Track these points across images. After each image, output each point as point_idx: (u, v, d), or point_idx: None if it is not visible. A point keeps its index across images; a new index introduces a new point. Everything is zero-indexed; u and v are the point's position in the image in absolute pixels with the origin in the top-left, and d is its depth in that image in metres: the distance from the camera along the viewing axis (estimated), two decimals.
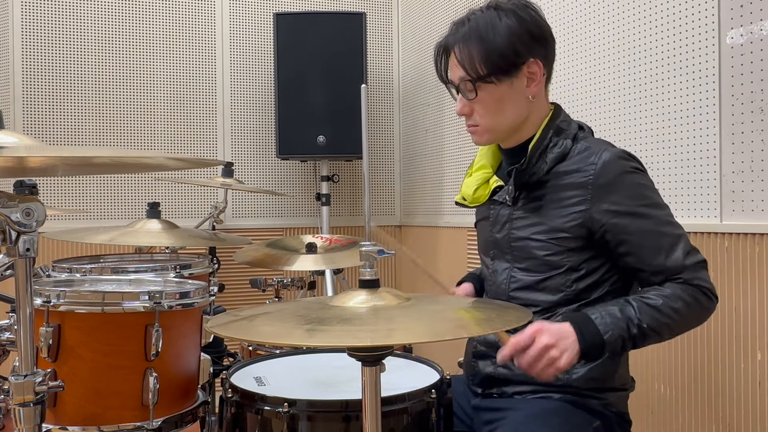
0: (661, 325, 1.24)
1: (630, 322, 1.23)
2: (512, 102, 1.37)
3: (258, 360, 1.56)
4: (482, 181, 1.50)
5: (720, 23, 1.75)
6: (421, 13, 3.57)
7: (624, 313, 1.24)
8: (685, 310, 1.25)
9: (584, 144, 1.37)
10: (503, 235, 1.43)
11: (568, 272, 1.34)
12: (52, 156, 1.08)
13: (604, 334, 1.21)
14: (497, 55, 1.33)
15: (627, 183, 1.30)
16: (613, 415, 1.37)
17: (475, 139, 1.44)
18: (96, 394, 1.34)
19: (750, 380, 1.70)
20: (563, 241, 1.33)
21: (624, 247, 1.30)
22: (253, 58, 3.58)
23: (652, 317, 1.24)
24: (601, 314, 1.24)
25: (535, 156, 1.36)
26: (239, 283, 3.27)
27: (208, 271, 2.17)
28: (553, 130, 1.38)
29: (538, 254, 1.36)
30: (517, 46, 1.33)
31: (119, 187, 3.33)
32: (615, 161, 1.31)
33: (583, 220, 1.31)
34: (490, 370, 1.41)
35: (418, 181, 3.64)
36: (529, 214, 1.39)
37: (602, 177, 1.30)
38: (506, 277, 1.42)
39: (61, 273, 1.98)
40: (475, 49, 1.34)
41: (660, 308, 1.24)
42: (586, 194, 1.31)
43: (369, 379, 0.99)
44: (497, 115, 1.38)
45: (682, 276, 1.27)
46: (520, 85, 1.36)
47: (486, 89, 1.36)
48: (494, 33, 1.33)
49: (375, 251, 1.06)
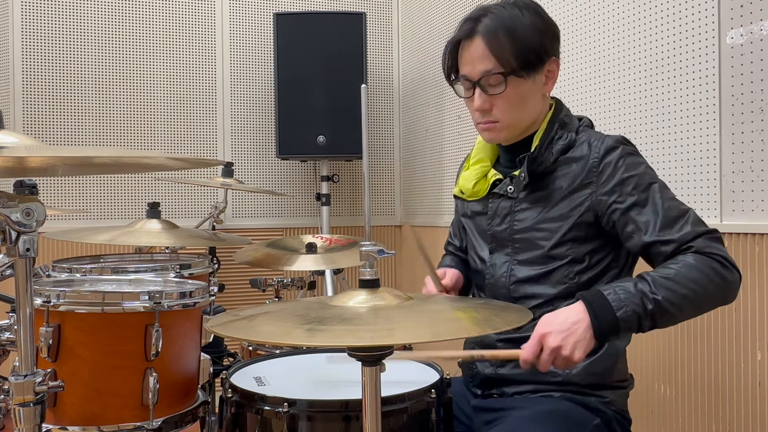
0: (680, 297, 1.18)
1: (644, 297, 1.18)
2: (532, 99, 1.38)
3: (258, 360, 1.56)
4: (481, 174, 1.49)
5: (720, 23, 1.75)
6: (421, 13, 3.57)
7: (638, 287, 1.19)
8: (703, 280, 1.19)
9: (586, 135, 1.39)
10: (504, 228, 1.42)
11: (571, 264, 1.34)
12: (52, 156, 1.08)
13: (617, 310, 1.17)
14: (528, 49, 1.33)
15: (630, 163, 1.32)
16: (613, 413, 1.36)
17: (491, 136, 1.41)
18: (96, 394, 1.34)
19: (750, 380, 1.70)
20: (569, 231, 1.34)
21: (630, 228, 1.29)
22: (253, 58, 3.58)
23: (668, 289, 1.18)
24: (614, 290, 1.20)
25: (543, 146, 1.37)
26: (239, 283, 3.27)
27: (208, 271, 2.17)
28: (558, 123, 1.39)
29: (542, 245, 1.36)
30: (544, 42, 1.36)
31: (119, 187, 3.34)
32: (616, 145, 1.33)
33: (589, 203, 1.32)
34: (489, 372, 1.41)
35: (418, 181, 3.64)
36: (534, 204, 1.38)
37: (605, 160, 1.32)
38: (506, 270, 1.41)
39: (61, 273, 1.98)
40: (506, 42, 1.33)
41: (675, 278, 1.19)
42: (590, 178, 1.33)
43: (369, 379, 0.99)
44: (519, 111, 1.37)
45: (694, 245, 1.23)
46: (540, 81, 1.38)
47: (514, 84, 1.34)
48: (523, 28, 1.34)
49: (375, 251, 1.06)
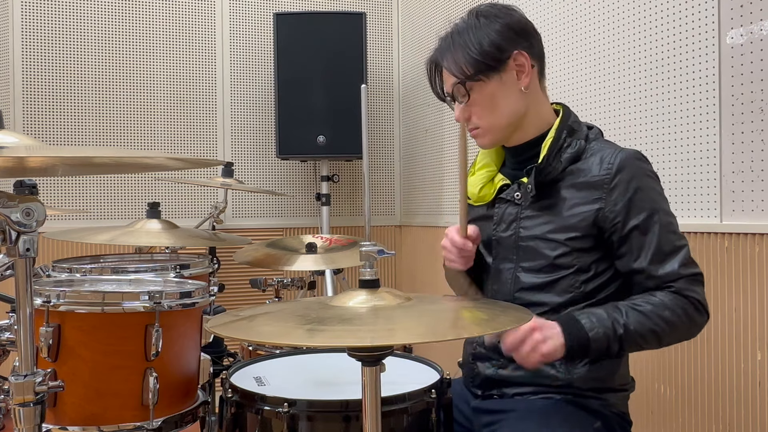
0: (647, 330, 1.25)
1: (616, 323, 1.24)
2: (505, 97, 1.39)
3: (258, 360, 1.56)
4: (487, 179, 1.49)
5: (720, 23, 1.75)
6: (421, 13, 3.57)
7: (610, 314, 1.25)
8: (673, 320, 1.26)
9: (598, 144, 1.38)
10: (509, 234, 1.42)
11: (578, 273, 1.34)
12: (52, 156, 1.08)
13: (589, 331, 1.23)
14: (479, 53, 1.36)
15: (642, 186, 1.31)
16: (614, 416, 1.36)
17: (479, 142, 1.45)
18: (96, 394, 1.34)
19: (750, 380, 1.70)
20: (574, 241, 1.33)
21: (625, 248, 1.31)
22: (253, 58, 3.58)
23: (638, 321, 1.25)
24: (587, 315, 1.26)
25: (552, 155, 1.37)
26: (239, 283, 3.27)
27: (208, 271, 2.17)
28: (566, 130, 1.39)
29: (547, 254, 1.35)
30: (498, 41, 1.37)
31: (119, 187, 3.33)
32: (632, 162, 1.32)
33: (595, 218, 1.32)
34: (490, 372, 1.40)
35: (418, 181, 3.64)
36: (541, 212, 1.38)
37: (618, 177, 1.31)
38: (510, 277, 1.40)
39: (61, 273, 1.98)
40: (459, 54, 1.38)
41: (647, 314, 1.25)
42: (601, 194, 1.32)
43: (369, 379, 0.99)
44: (493, 112, 1.39)
45: (675, 285, 1.27)
46: (510, 78, 1.38)
47: (477, 88, 1.38)
48: (475, 35, 1.38)
49: (375, 251, 1.06)
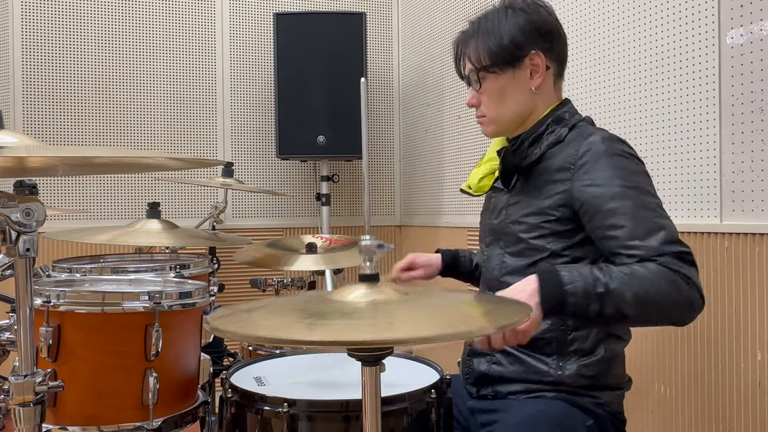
0: (631, 294, 1.16)
1: (597, 281, 1.17)
2: (514, 92, 1.42)
3: (258, 360, 1.56)
4: (489, 171, 1.54)
5: (720, 23, 1.75)
6: (421, 13, 3.57)
7: (593, 272, 1.19)
8: (659, 287, 1.16)
9: (578, 130, 1.39)
10: (499, 221, 1.47)
11: (552, 257, 1.35)
12: (52, 156, 1.08)
13: (566, 284, 1.17)
14: (498, 46, 1.40)
15: (609, 163, 1.29)
16: (607, 414, 1.36)
17: (483, 129, 1.49)
18: (96, 394, 1.34)
19: (750, 380, 1.70)
20: (548, 224, 1.35)
21: (600, 229, 1.26)
22: (253, 58, 3.58)
23: (621, 282, 1.16)
24: (569, 269, 1.20)
25: (528, 140, 1.40)
26: (239, 283, 3.27)
27: (208, 271, 2.17)
28: (552, 118, 1.41)
29: (523, 237, 1.38)
30: (518, 38, 1.39)
31: (119, 187, 3.33)
32: (600, 141, 1.32)
33: (565, 198, 1.32)
34: (484, 368, 1.42)
35: (418, 181, 3.64)
36: (521, 198, 1.42)
37: (585, 156, 1.31)
38: (498, 262, 1.45)
39: (61, 273, 1.98)
40: (480, 43, 1.42)
41: (630, 275, 1.17)
42: (570, 174, 1.32)
43: (369, 379, 0.99)
44: (500, 105, 1.43)
45: (659, 260, 1.19)
46: (523, 76, 1.41)
47: (489, 79, 1.42)
48: (499, 27, 1.41)
49: (375, 245, 1.05)
